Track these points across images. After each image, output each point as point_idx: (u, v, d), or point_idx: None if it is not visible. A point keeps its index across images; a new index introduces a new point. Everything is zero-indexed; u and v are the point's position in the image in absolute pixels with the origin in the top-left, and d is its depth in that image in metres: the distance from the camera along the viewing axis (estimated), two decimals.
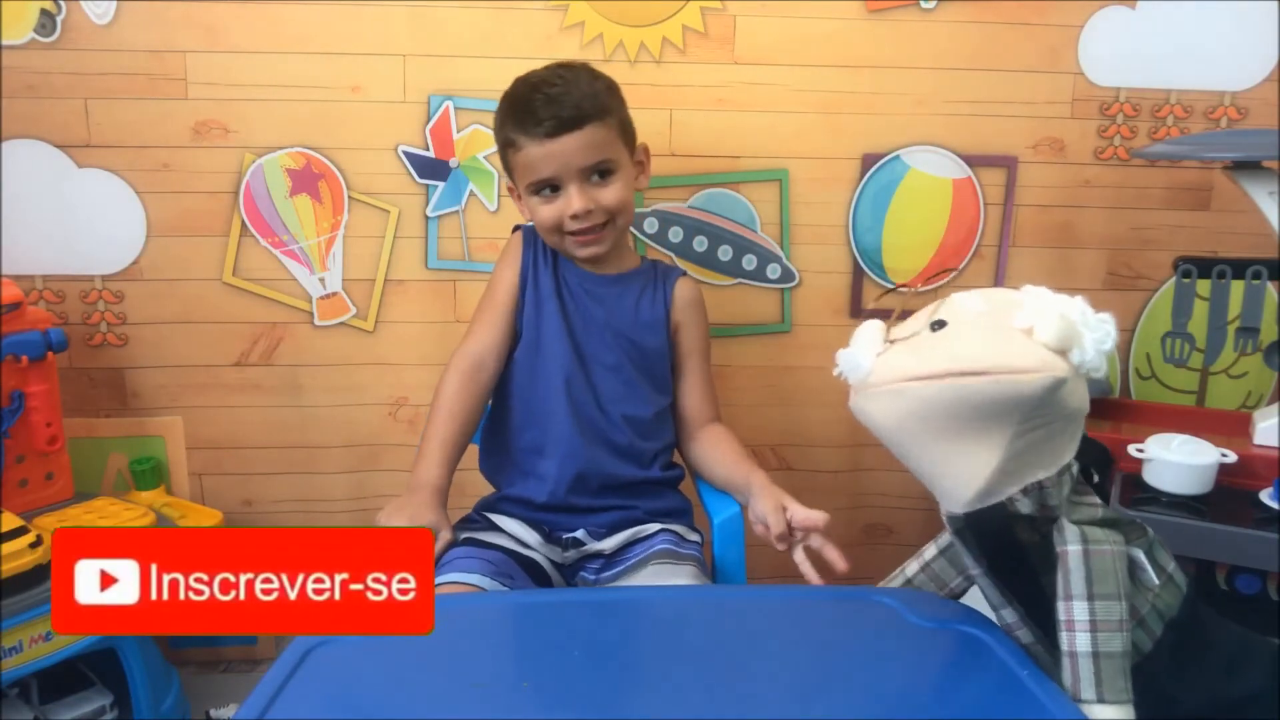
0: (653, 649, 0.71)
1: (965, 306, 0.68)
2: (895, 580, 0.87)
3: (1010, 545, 0.71)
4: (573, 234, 1.11)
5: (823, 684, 0.66)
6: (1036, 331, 0.62)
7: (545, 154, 1.08)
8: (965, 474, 0.67)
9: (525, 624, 0.74)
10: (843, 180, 1.47)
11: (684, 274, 1.24)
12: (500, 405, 1.19)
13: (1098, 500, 0.72)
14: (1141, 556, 0.71)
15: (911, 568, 0.85)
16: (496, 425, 1.19)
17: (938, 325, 0.67)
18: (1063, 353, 0.62)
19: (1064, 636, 0.67)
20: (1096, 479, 0.74)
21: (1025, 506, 0.67)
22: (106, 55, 1.36)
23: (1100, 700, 0.65)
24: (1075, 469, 0.70)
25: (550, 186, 1.10)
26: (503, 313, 1.17)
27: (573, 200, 1.09)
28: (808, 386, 1.54)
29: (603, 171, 1.10)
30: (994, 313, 0.66)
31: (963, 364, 0.62)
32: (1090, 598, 0.66)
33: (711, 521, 1.13)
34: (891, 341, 0.70)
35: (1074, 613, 0.66)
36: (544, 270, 1.18)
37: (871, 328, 0.71)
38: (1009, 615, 0.74)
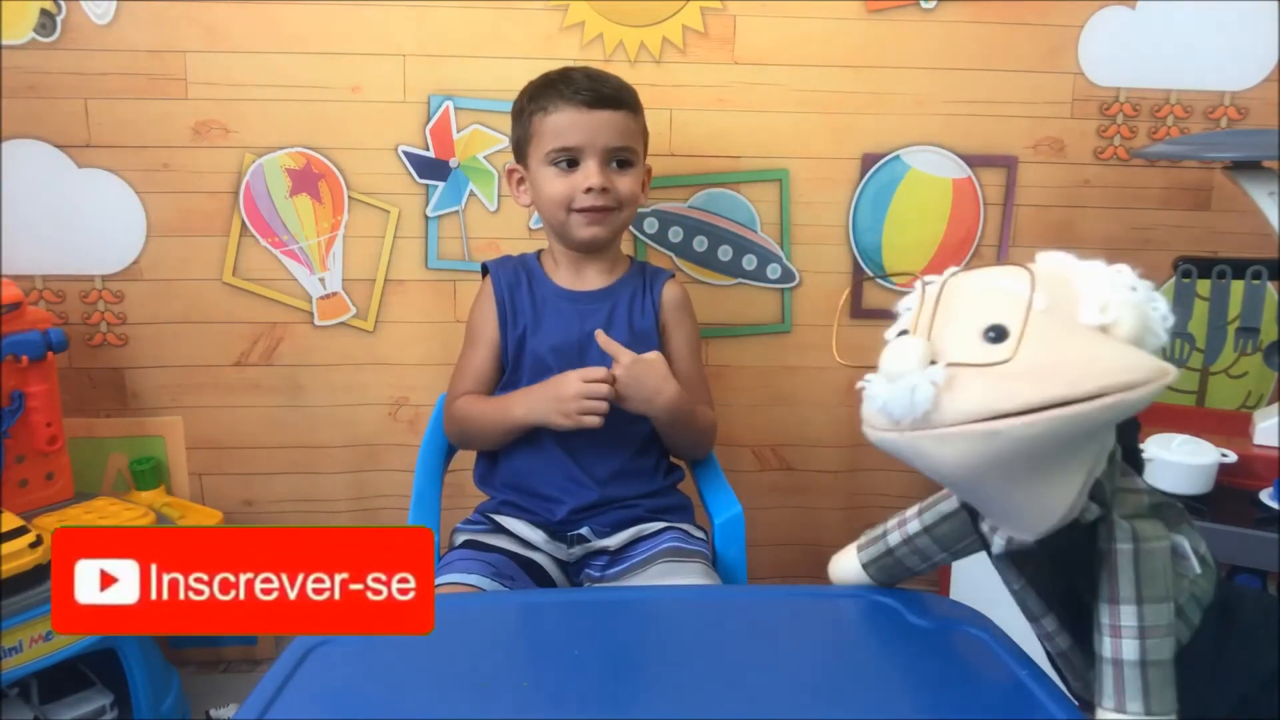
0: (653, 649, 0.71)
1: (1022, 305, 0.54)
2: (876, 547, 0.79)
3: (1065, 561, 0.64)
4: (581, 210, 1.11)
5: (822, 685, 0.66)
6: (1116, 329, 0.54)
7: (577, 122, 1.09)
8: (1052, 503, 0.59)
9: (525, 624, 0.74)
10: (843, 180, 1.47)
11: (671, 276, 1.22)
12: None
13: (1140, 484, 0.66)
14: (1185, 545, 0.66)
15: (894, 538, 0.77)
16: (490, 459, 1.18)
17: (996, 334, 0.54)
18: (1139, 342, 0.55)
19: (1107, 642, 0.61)
20: (1121, 452, 0.66)
21: (1091, 513, 0.61)
22: (106, 55, 1.36)
23: (1148, 713, 0.59)
24: (1118, 452, 0.64)
25: (569, 160, 1.11)
26: (488, 352, 1.17)
27: (591, 174, 1.10)
28: (808, 386, 1.54)
29: (622, 161, 1.12)
30: (1056, 309, 0.55)
31: (1068, 392, 0.51)
32: (1139, 601, 0.60)
33: (712, 521, 1.13)
34: (943, 364, 0.54)
35: (1121, 618, 0.60)
36: (523, 300, 1.17)
37: (912, 347, 0.55)
38: (1050, 623, 0.68)
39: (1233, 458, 1.15)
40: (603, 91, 1.11)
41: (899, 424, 0.55)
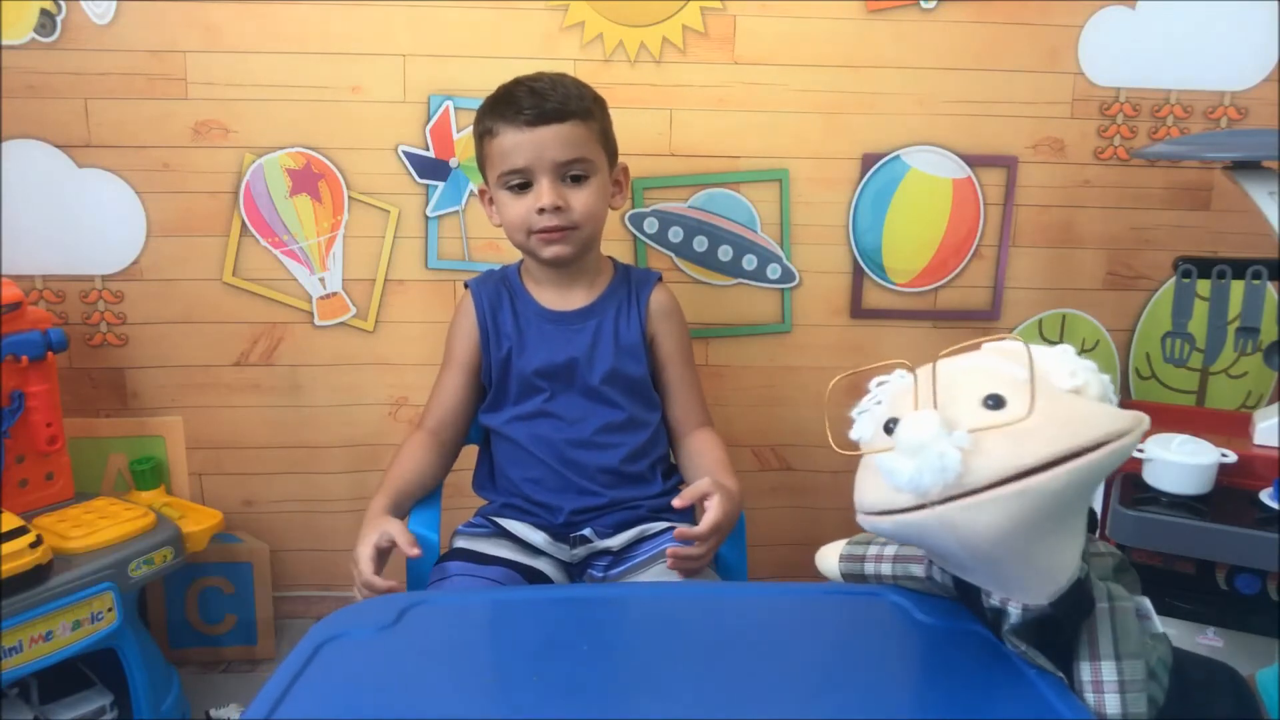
0: (662, 645, 0.70)
1: (1012, 376, 0.59)
2: (853, 565, 0.80)
3: (1066, 618, 0.66)
4: (539, 232, 1.09)
5: (830, 682, 0.66)
6: (1086, 391, 0.59)
7: (521, 142, 1.06)
8: (1066, 559, 0.62)
9: (538, 619, 0.74)
10: (843, 180, 1.47)
11: (659, 279, 1.20)
12: (486, 451, 1.19)
13: (1103, 548, 0.70)
14: (1147, 605, 0.68)
15: (869, 567, 0.79)
16: (488, 466, 1.18)
17: (995, 402, 0.58)
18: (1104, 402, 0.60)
19: (1090, 699, 0.64)
20: None
21: (1083, 571, 0.64)
22: (106, 55, 1.36)
23: None
24: None
25: (522, 182, 1.08)
26: (463, 374, 1.16)
27: (543, 194, 1.06)
28: (808, 386, 1.54)
29: (577, 175, 1.08)
30: (1037, 379, 0.59)
31: (1077, 441, 0.55)
32: (1117, 657, 0.63)
33: None
34: (964, 429, 0.57)
35: (1102, 673, 0.63)
36: (505, 320, 1.15)
37: (929, 418, 0.57)
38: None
39: (1233, 458, 1.15)
40: (545, 107, 1.05)
41: (926, 497, 0.56)
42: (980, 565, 0.63)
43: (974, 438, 0.56)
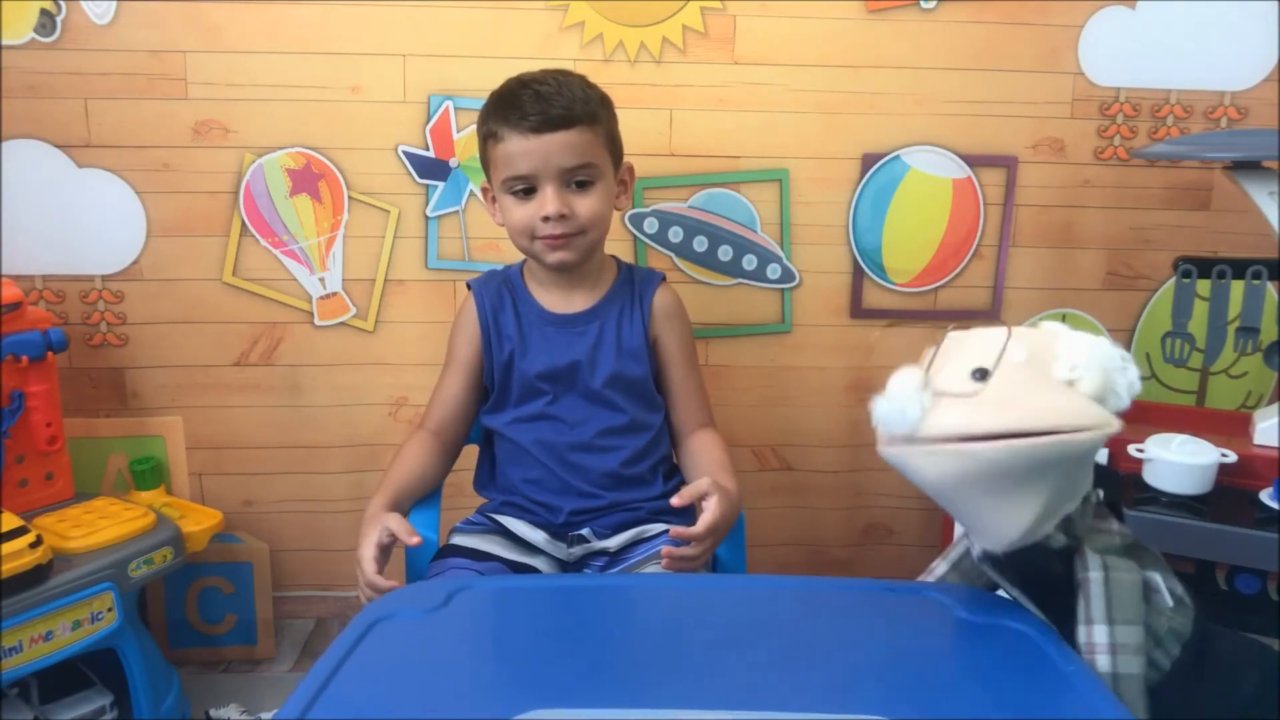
0: (711, 635, 0.70)
1: (1006, 356, 0.66)
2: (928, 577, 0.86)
3: (1043, 576, 0.73)
4: (543, 238, 1.08)
5: (869, 677, 0.66)
6: (1080, 385, 0.65)
7: (526, 149, 1.04)
8: (1011, 521, 0.68)
9: (585, 605, 0.74)
10: (843, 180, 1.47)
11: (662, 280, 1.19)
12: (487, 450, 1.19)
13: (1115, 528, 0.74)
14: (1157, 579, 0.73)
15: (940, 568, 0.84)
16: (489, 466, 1.18)
17: (980, 375, 0.66)
18: (1101, 400, 0.65)
19: (1085, 659, 0.68)
20: (1101, 496, 0.75)
21: (1057, 541, 0.70)
22: (106, 55, 1.36)
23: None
24: (1095, 496, 0.73)
25: (527, 187, 1.07)
26: (465, 375, 1.16)
27: (548, 201, 1.05)
28: (808, 386, 1.54)
29: (582, 181, 1.07)
30: (1034, 363, 0.66)
31: (1024, 424, 0.63)
32: (1110, 622, 0.68)
33: None
34: (935, 392, 0.67)
35: (1094, 636, 0.68)
36: (507, 321, 1.14)
37: (911, 375, 0.67)
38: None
39: (1233, 458, 1.16)
40: (550, 113, 1.03)
41: (894, 439, 0.67)
42: (939, 500, 0.71)
43: (935, 399, 0.66)
